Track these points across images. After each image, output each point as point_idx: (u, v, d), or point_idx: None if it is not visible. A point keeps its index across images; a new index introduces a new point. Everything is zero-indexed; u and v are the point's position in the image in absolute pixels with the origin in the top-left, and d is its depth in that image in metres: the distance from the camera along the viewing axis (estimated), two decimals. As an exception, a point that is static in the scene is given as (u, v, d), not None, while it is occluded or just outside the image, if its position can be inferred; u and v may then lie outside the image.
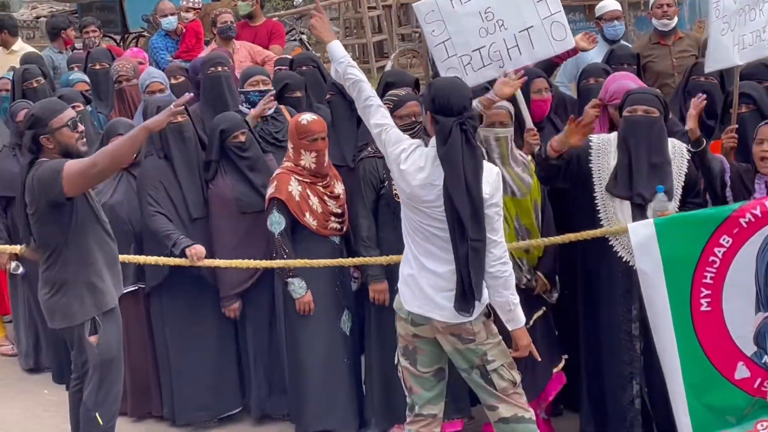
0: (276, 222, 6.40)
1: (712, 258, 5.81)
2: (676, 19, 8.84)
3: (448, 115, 5.13)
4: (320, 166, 6.51)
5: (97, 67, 9.05)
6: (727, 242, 5.79)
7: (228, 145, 6.79)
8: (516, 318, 5.28)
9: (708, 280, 5.83)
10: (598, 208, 6.06)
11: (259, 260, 6.42)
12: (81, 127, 5.72)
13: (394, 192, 6.21)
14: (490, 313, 5.37)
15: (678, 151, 6.12)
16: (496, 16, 6.13)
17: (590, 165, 6.09)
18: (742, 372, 5.89)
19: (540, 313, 6.28)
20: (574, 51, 6.87)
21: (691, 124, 6.07)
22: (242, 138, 6.79)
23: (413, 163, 5.24)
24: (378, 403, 6.64)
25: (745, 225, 5.77)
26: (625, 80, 6.55)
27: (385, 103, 6.01)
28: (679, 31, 8.83)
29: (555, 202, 6.41)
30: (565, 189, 6.30)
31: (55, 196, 5.44)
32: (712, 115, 6.85)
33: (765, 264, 5.87)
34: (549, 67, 7.27)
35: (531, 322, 6.08)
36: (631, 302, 5.98)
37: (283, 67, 8.48)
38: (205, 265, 6.47)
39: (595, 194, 6.07)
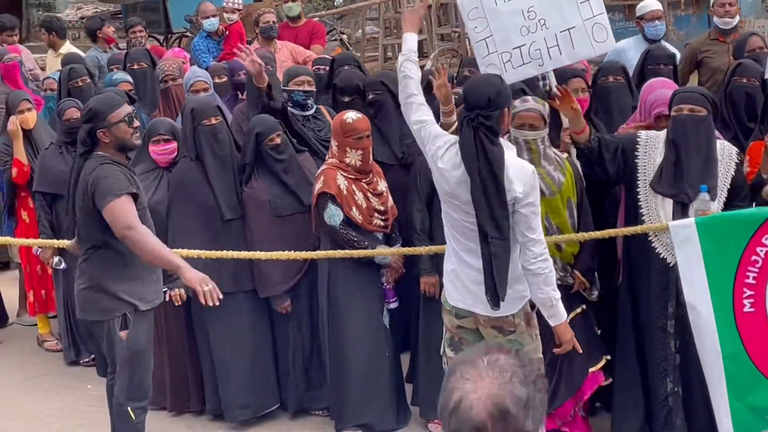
0: (334, 214, 6.38)
1: (754, 257, 5.71)
2: (737, 17, 8.83)
3: (467, 109, 5.18)
4: (365, 163, 6.50)
5: (136, 67, 9.09)
6: None
7: (263, 148, 6.74)
8: (558, 314, 5.29)
9: (751, 281, 5.74)
10: (640, 203, 6.00)
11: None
12: (136, 123, 5.80)
13: None
14: (534, 305, 5.40)
15: (726, 153, 6.03)
16: (539, 15, 6.07)
17: (636, 160, 6.03)
18: None
19: (578, 311, 6.20)
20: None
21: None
22: (278, 140, 6.75)
23: (449, 160, 5.26)
24: (423, 396, 6.66)
25: None
26: (664, 88, 6.45)
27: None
28: (738, 30, 8.75)
29: (593, 201, 6.34)
30: (603, 187, 6.26)
31: (98, 207, 5.52)
32: (752, 116, 6.76)
33: None
34: None
35: (569, 319, 5.92)
36: (668, 299, 5.93)
37: (322, 67, 8.44)
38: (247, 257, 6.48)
39: (638, 189, 6.01)
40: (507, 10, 6.09)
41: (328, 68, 8.30)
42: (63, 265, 7.71)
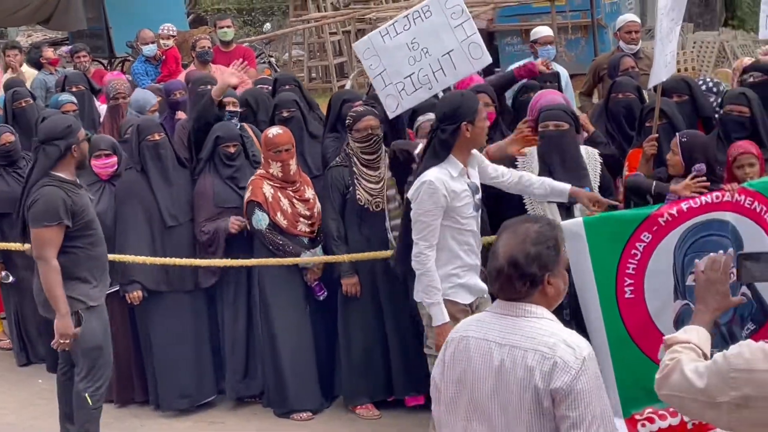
0: (261, 220, 6.51)
1: (634, 251, 5.90)
2: (641, 43, 9.09)
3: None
4: (286, 174, 6.60)
5: (74, 89, 9.06)
6: (648, 238, 5.89)
7: (219, 151, 6.85)
8: (433, 316, 5.39)
9: (631, 271, 5.92)
10: (527, 208, 6.16)
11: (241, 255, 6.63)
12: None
13: (357, 197, 6.39)
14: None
15: (591, 156, 6.27)
16: (421, 45, 6.25)
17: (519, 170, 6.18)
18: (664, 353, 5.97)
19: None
20: (532, 71, 7.09)
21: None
22: (232, 150, 6.86)
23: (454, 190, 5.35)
24: (345, 385, 6.75)
25: (663, 223, 5.88)
26: (551, 95, 6.66)
27: (348, 117, 6.45)
28: (641, 51, 8.98)
29: (490, 207, 6.41)
30: (500, 194, 6.38)
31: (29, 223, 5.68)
32: (633, 126, 6.95)
33: (682, 257, 5.97)
34: (508, 82, 7.46)
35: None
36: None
37: (266, 86, 8.54)
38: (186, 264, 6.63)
39: (524, 200, 6.16)
40: (394, 45, 6.27)
41: (271, 87, 8.39)
42: (11, 279, 7.71)
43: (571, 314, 6.05)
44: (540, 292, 3.31)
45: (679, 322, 5.90)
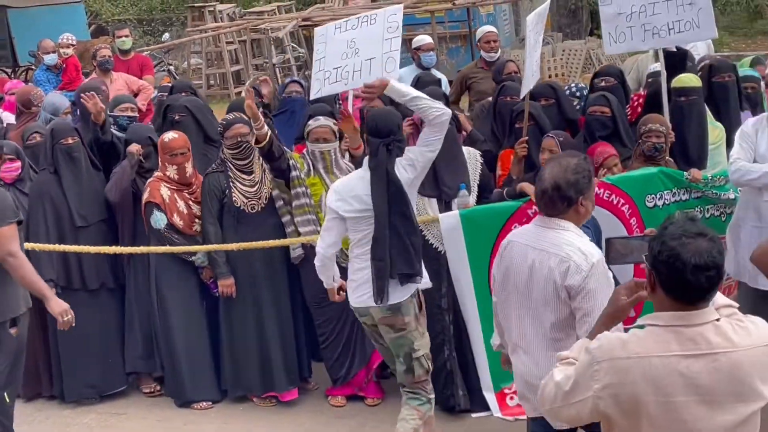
0: (159, 219, 6.44)
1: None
2: (500, 51, 9.28)
3: (379, 136, 5.23)
4: (182, 176, 6.54)
5: None
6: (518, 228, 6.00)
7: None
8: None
9: None
10: None
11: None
12: None
13: (234, 200, 6.37)
14: (422, 305, 5.41)
15: (473, 156, 6.34)
16: (356, 45, 6.35)
17: None
18: None
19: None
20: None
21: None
22: (143, 150, 6.75)
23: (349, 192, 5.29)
24: (229, 377, 6.69)
25: (531, 214, 5.95)
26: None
27: (219, 125, 6.46)
28: (503, 57, 9.16)
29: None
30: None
31: None
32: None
33: None
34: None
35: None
36: (441, 281, 6.08)
37: (164, 94, 8.43)
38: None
39: None
40: (339, 39, 6.40)
41: (167, 94, 8.28)
42: None
43: (448, 303, 6.16)
44: (574, 210, 4.06)
45: None
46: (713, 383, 2.87)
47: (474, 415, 6.16)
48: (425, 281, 5.37)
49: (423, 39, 9.28)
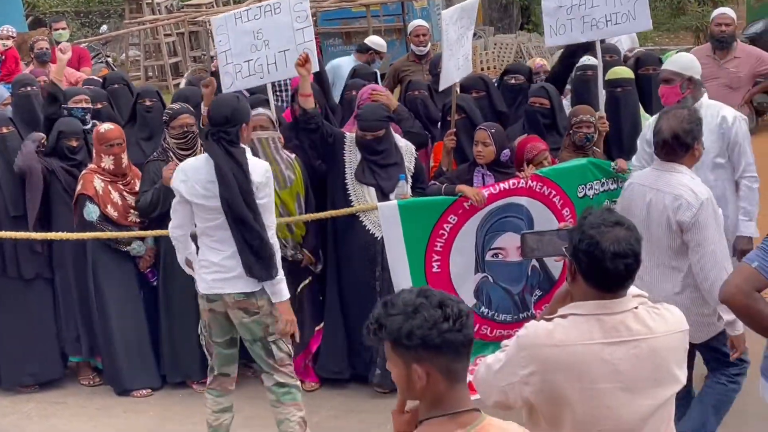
0: (92, 211, 6.32)
1: (441, 231, 6.09)
2: (429, 45, 9.31)
3: (211, 125, 5.06)
4: (118, 167, 6.43)
5: None
6: (454, 220, 6.08)
7: (62, 145, 6.61)
8: (278, 292, 5.04)
9: (438, 248, 6.10)
10: (348, 191, 6.21)
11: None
12: None
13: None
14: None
15: (408, 149, 6.36)
16: (265, 36, 6.22)
17: (344, 156, 6.24)
18: None
19: (306, 282, 6.36)
20: None
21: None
22: (74, 143, 6.62)
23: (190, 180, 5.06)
24: (168, 363, 6.64)
25: (467, 207, 6.08)
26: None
27: (164, 115, 6.36)
28: (431, 52, 9.21)
29: (319, 195, 6.48)
30: (326, 183, 6.39)
31: None
32: (431, 119, 7.10)
33: (483, 236, 6.19)
34: None
35: (299, 290, 6.22)
36: (375, 266, 6.15)
37: (92, 87, 8.20)
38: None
39: (346, 180, 6.22)
40: (242, 30, 6.22)
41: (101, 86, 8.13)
42: None
43: (381, 286, 6.17)
44: (690, 155, 4.71)
45: (479, 291, 6.25)
46: (634, 369, 2.90)
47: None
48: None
49: (382, 45, 9.47)
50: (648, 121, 6.01)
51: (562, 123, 6.72)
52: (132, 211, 6.46)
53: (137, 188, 6.50)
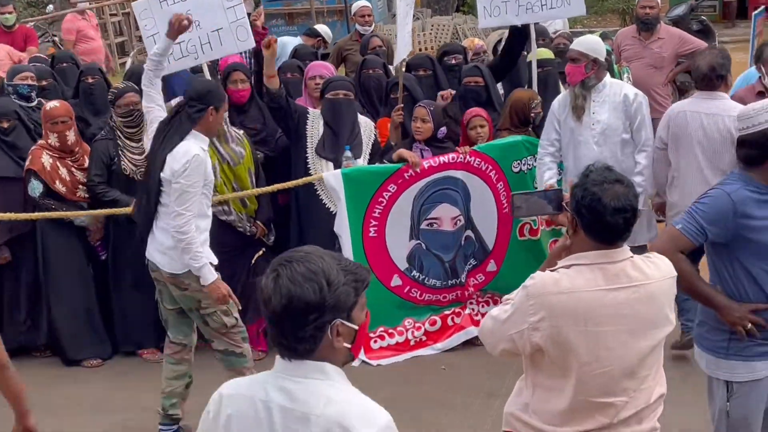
0: (35, 188, 6.20)
1: (380, 199, 6.16)
2: (374, 25, 9.38)
3: (186, 99, 4.99)
4: (64, 144, 6.31)
5: None
6: (393, 188, 6.16)
7: None
8: (204, 276, 4.91)
9: (376, 215, 6.19)
10: (309, 165, 6.20)
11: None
12: None
13: (123, 167, 6.23)
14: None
15: (368, 126, 6.38)
16: (194, 17, 6.02)
17: (306, 130, 6.21)
18: (396, 281, 6.33)
19: (260, 253, 6.33)
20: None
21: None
22: (6, 124, 6.45)
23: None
24: (119, 333, 6.58)
25: (407, 177, 6.16)
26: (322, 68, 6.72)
27: (110, 94, 6.26)
28: (375, 31, 9.30)
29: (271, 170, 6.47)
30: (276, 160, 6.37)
31: None
32: (381, 98, 7.06)
33: (419, 206, 6.27)
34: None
35: (254, 261, 6.23)
36: (334, 239, 6.14)
37: (37, 64, 8.02)
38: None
39: (307, 154, 6.20)
40: (170, 12, 5.96)
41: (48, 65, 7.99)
42: None
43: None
44: (724, 83, 5.56)
45: (413, 258, 6.36)
46: (634, 312, 3.04)
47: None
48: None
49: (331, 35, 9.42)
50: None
51: (497, 100, 6.76)
52: (80, 186, 6.35)
53: (86, 164, 6.39)
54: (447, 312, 6.42)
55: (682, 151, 5.70)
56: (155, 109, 5.28)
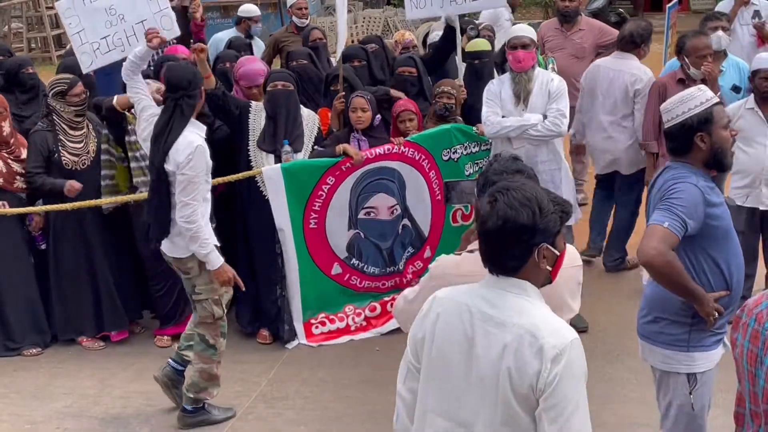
0: None
1: (320, 192, 6.06)
2: (310, 17, 9.22)
3: (170, 91, 4.84)
4: None
5: None
6: (332, 181, 6.07)
7: None
8: (211, 262, 4.90)
9: (316, 207, 6.09)
10: (250, 157, 6.07)
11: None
12: None
13: (64, 162, 6.11)
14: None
15: (311, 118, 6.24)
16: (118, 11, 5.92)
17: (248, 124, 6.07)
18: (336, 270, 6.28)
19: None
20: None
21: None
22: None
23: (146, 128, 5.00)
24: (60, 321, 6.41)
25: (344, 169, 6.08)
26: (253, 63, 6.52)
27: (58, 85, 6.04)
28: (310, 24, 9.07)
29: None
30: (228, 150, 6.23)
31: None
32: (314, 87, 6.96)
33: (357, 196, 6.20)
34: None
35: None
36: (275, 230, 6.05)
37: None
38: None
39: (249, 147, 6.07)
40: (93, 8, 5.90)
41: None
42: None
43: (281, 248, 6.10)
44: (638, 50, 6.52)
45: (352, 247, 6.30)
46: None
47: (288, 345, 6.20)
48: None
49: (252, 11, 9.09)
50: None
51: (429, 90, 6.73)
52: (18, 177, 6.16)
53: (23, 155, 6.21)
54: (386, 298, 6.38)
55: (591, 99, 6.77)
56: (144, 99, 5.15)
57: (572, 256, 3.10)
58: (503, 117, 5.96)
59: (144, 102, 5.18)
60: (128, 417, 5.39)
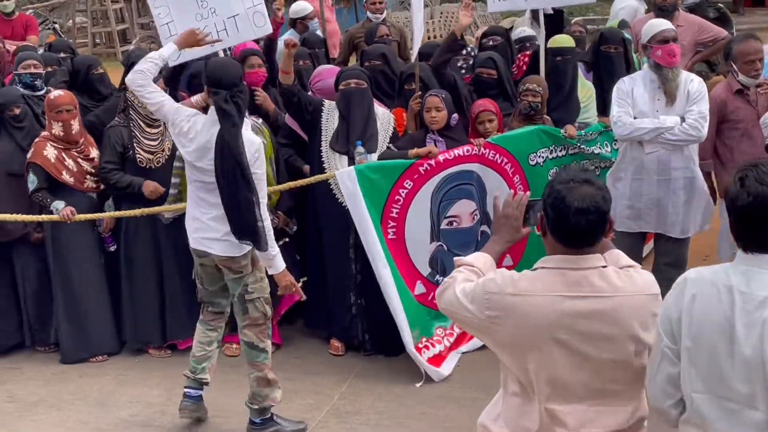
0: (31, 182, 6.18)
1: (397, 197, 5.98)
2: (385, 12, 9.17)
3: (222, 88, 4.88)
4: (68, 134, 6.26)
5: None
6: (409, 185, 5.99)
7: (5, 116, 6.43)
8: (275, 265, 5.04)
9: (394, 214, 5.99)
10: (323, 159, 6.13)
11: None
12: None
13: (138, 159, 6.22)
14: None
15: (386, 117, 6.28)
16: (210, 4, 6.06)
17: (321, 125, 6.14)
18: (419, 289, 6.10)
19: (281, 243, 6.24)
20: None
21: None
22: (17, 111, 6.45)
23: (191, 131, 5.00)
24: (128, 329, 6.56)
25: (423, 172, 6.01)
26: (332, 78, 6.51)
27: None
28: (386, 19, 9.14)
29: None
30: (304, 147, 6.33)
31: None
32: (388, 86, 6.98)
33: (438, 203, 6.11)
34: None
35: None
36: (349, 233, 6.07)
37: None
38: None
39: (321, 148, 6.13)
40: (184, 0, 6.02)
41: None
42: None
43: (355, 253, 6.12)
44: None
45: (435, 261, 6.12)
46: (591, 324, 2.90)
47: (417, 384, 5.92)
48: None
49: (306, 8, 9.02)
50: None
51: (512, 91, 6.73)
52: (88, 176, 6.33)
53: (92, 154, 6.38)
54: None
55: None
56: (165, 101, 5.14)
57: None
58: (635, 118, 5.81)
59: (167, 104, 5.08)
60: (197, 428, 5.48)
